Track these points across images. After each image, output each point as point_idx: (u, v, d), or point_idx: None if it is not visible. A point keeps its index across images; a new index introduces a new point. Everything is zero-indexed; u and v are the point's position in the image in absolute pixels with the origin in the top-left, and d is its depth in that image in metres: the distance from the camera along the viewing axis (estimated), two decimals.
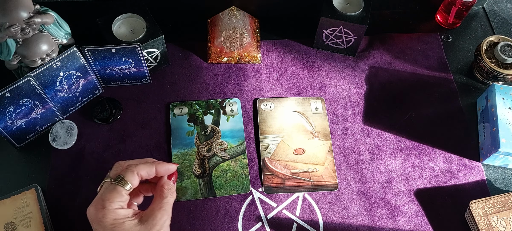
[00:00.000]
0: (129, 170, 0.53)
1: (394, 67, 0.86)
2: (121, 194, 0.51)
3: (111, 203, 0.50)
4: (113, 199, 0.50)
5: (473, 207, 0.68)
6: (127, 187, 0.52)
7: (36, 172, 0.71)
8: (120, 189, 0.51)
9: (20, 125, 0.70)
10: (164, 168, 0.56)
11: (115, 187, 0.51)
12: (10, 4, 0.63)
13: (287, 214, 0.70)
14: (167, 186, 0.56)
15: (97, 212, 0.50)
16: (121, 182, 0.52)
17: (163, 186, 0.56)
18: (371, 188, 0.72)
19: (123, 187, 0.52)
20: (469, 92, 0.84)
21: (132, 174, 0.52)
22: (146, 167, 0.54)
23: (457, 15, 0.88)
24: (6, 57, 0.68)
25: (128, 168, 0.53)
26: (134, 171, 0.53)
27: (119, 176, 0.52)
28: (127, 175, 0.52)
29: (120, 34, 0.76)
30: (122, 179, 0.52)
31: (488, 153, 0.73)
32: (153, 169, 0.55)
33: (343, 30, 0.82)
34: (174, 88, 0.81)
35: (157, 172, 0.56)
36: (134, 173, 0.53)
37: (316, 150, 0.75)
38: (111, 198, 0.50)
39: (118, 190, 0.51)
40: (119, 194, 0.51)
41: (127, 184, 0.52)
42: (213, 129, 0.77)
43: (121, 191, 0.51)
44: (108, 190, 0.51)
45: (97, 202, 0.51)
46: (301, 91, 0.82)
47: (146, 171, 0.54)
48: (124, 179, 0.52)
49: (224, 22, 0.83)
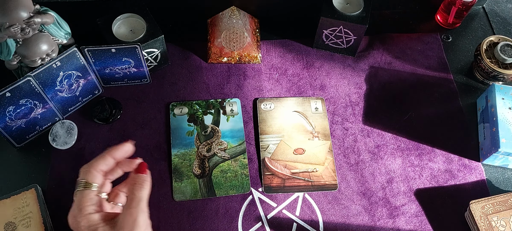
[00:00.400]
0: (85, 171, 0.52)
1: (394, 67, 0.86)
2: (90, 197, 0.51)
3: (83, 208, 0.50)
4: (83, 204, 0.50)
5: (473, 207, 0.68)
6: (93, 187, 0.51)
7: (36, 172, 0.71)
8: (86, 192, 0.51)
9: (20, 125, 0.70)
10: (121, 152, 0.55)
11: (82, 192, 0.51)
12: (10, 4, 0.63)
13: (287, 214, 0.70)
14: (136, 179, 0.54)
15: (72, 221, 0.50)
16: (86, 185, 0.51)
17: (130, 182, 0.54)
18: (371, 188, 0.72)
19: (89, 189, 0.51)
20: (469, 92, 0.84)
21: (89, 173, 0.52)
22: (102, 160, 0.53)
23: (457, 15, 0.88)
24: (6, 57, 0.68)
25: (84, 169, 0.53)
26: (90, 169, 0.52)
27: (81, 181, 0.52)
28: (86, 176, 0.52)
29: (120, 34, 0.76)
30: (85, 182, 0.52)
31: (488, 153, 0.73)
32: (110, 159, 0.54)
33: (343, 30, 0.82)
34: (174, 88, 0.81)
35: (116, 159, 0.54)
36: (91, 171, 0.52)
37: (316, 150, 0.75)
38: (80, 204, 0.50)
39: (86, 194, 0.51)
40: (87, 198, 0.51)
41: (91, 185, 0.51)
42: (213, 129, 0.77)
43: (88, 194, 0.51)
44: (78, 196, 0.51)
45: (72, 210, 0.51)
46: (301, 91, 0.82)
47: (104, 163, 0.53)
48: (87, 182, 0.52)
49: (224, 22, 0.83)
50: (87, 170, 0.52)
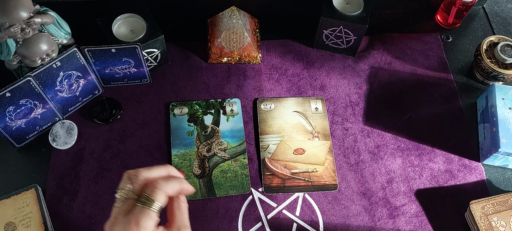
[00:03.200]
0: (157, 189, 0.47)
1: (394, 67, 0.86)
2: (153, 218, 0.46)
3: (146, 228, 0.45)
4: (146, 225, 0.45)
5: (473, 207, 0.68)
6: (157, 208, 0.46)
7: (36, 172, 0.71)
8: (151, 213, 0.46)
9: (20, 125, 0.70)
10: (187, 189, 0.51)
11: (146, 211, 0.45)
12: (10, 4, 0.63)
13: (287, 214, 0.70)
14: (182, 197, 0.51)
15: None
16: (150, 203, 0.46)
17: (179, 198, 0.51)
18: (371, 188, 0.72)
19: (153, 210, 0.46)
20: (469, 92, 0.84)
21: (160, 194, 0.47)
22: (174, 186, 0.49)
23: (457, 15, 0.88)
24: (6, 57, 0.68)
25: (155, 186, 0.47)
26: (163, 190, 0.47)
27: (146, 197, 0.46)
28: (156, 195, 0.46)
29: (120, 34, 0.76)
30: (150, 199, 0.46)
31: (488, 153, 0.73)
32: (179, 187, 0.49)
33: (343, 30, 0.82)
34: (174, 88, 0.81)
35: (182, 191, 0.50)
36: (162, 193, 0.47)
37: (316, 150, 0.75)
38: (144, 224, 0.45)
39: (150, 215, 0.45)
40: (151, 219, 0.45)
41: (157, 205, 0.46)
42: (213, 129, 0.77)
43: (152, 215, 0.46)
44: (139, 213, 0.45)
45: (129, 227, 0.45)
46: (301, 91, 0.82)
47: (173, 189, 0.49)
48: (153, 200, 0.46)
49: (224, 22, 0.83)
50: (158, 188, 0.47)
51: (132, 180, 0.48)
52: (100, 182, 0.71)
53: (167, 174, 0.51)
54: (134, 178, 0.48)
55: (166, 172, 0.51)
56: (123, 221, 0.45)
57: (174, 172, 0.52)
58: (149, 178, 0.48)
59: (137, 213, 0.45)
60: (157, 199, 0.46)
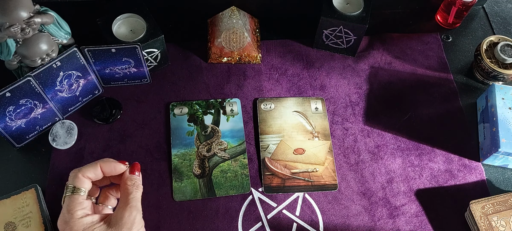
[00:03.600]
0: (74, 175, 0.54)
1: (394, 67, 0.86)
2: (79, 201, 0.52)
3: (74, 213, 0.51)
4: (74, 209, 0.52)
5: (473, 207, 0.68)
6: (81, 192, 0.53)
7: (36, 172, 0.71)
8: (75, 197, 0.52)
9: (20, 125, 0.70)
10: (110, 167, 0.56)
11: (71, 197, 0.53)
12: (10, 4, 0.63)
13: (287, 214, 0.70)
14: (130, 181, 0.56)
15: (65, 225, 0.51)
16: (74, 190, 0.53)
17: (126, 181, 0.56)
18: (371, 188, 0.72)
19: (78, 194, 0.53)
20: (469, 92, 0.84)
21: (77, 178, 0.53)
22: (91, 167, 0.55)
23: (457, 15, 0.88)
24: (6, 57, 0.68)
25: (72, 174, 0.54)
26: (79, 174, 0.53)
27: (69, 186, 0.53)
28: (74, 181, 0.53)
29: (120, 34, 0.76)
30: (73, 187, 0.53)
31: (488, 153, 0.73)
32: (98, 169, 0.55)
33: (343, 30, 0.82)
34: (174, 88, 0.81)
35: (103, 172, 0.56)
36: (79, 177, 0.53)
37: (316, 150, 0.75)
38: (71, 209, 0.52)
39: (75, 199, 0.52)
40: (77, 202, 0.52)
41: (80, 189, 0.53)
42: (213, 129, 0.77)
43: (77, 198, 0.52)
44: (67, 201, 0.53)
45: (63, 215, 0.52)
46: (301, 91, 0.82)
47: (92, 171, 0.55)
48: (75, 186, 0.53)
49: (224, 22, 0.83)
50: (75, 175, 0.54)
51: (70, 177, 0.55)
52: None
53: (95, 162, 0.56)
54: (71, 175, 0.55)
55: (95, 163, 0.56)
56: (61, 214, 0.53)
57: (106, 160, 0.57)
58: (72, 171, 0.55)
59: (67, 202, 0.53)
60: (77, 183, 0.53)
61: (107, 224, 0.52)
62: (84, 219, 0.52)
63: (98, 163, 0.56)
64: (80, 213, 0.52)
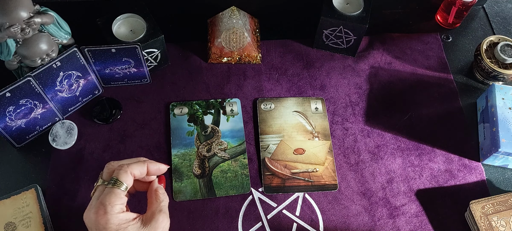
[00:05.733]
0: (122, 170, 0.52)
1: (394, 67, 0.86)
2: (120, 196, 0.50)
3: (113, 207, 0.49)
4: (114, 203, 0.49)
5: (473, 207, 0.68)
6: (123, 187, 0.51)
7: (36, 172, 0.71)
8: (117, 191, 0.50)
9: (20, 125, 0.70)
10: (155, 167, 0.56)
11: (113, 190, 0.50)
12: (10, 4, 0.63)
13: (287, 214, 0.70)
14: (161, 189, 0.56)
15: (98, 217, 0.48)
16: (117, 183, 0.51)
17: (157, 189, 0.55)
18: (371, 188, 0.72)
19: (119, 189, 0.50)
20: (469, 92, 0.84)
21: (126, 174, 0.52)
22: (139, 166, 0.54)
23: (457, 15, 0.88)
24: (6, 57, 0.68)
25: (121, 168, 0.52)
26: (128, 170, 0.52)
27: (113, 178, 0.51)
28: (121, 175, 0.51)
29: (120, 34, 0.76)
30: (117, 180, 0.51)
31: (488, 153, 0.73)
32: (145, 168, 0.54)
33: (343, 30, 0.82)
34: (174, 88, 0.81)
35: (149, 171, 0.55)
36: (127, 173, 0.52)
37: (316, 150, 0.75)
38: (111, 202, 0.49)
39: (116, 193, 0.50)
40: (118, 197, 0.50)
41: (123, 184, 0.51)
42: (213, 129, 0.77)
43: (119, 193, 0.50)
44: (106, 193, 0.50)
45: (98, 207, 0.49)
46: (301, 91, 0.82)
47: (139, 170, 0.54)
48: (119, 180, 0.51)
49: (224, 22, 0.83)
50: (122, 168, 0.52)
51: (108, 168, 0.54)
52: None
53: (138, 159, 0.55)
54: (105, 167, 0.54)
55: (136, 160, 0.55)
56: (95, 204, 0.50)
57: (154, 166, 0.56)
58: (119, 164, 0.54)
59: (105, 194, 0.50)
60: (122, 178, 0.51)
61: (142, 223, 0.51)
62: (120, 215, 0.50)
63: (145, 162, 0.54)
64: (118, 208, 0.50)
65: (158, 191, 0.55)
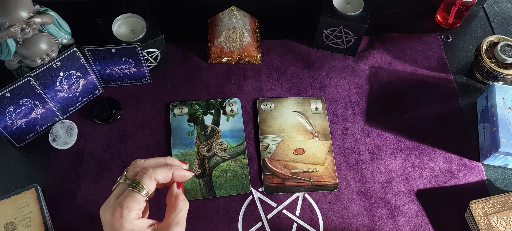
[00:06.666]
0: (146, 174, 0.50)
1: (394, 67, 0.86)
2: (139, 201, 0.48)
3: (129, 212, 0.47)
4: (131, 208, 0.48)
5: (473, 207, 0.68)
6: (144, 193, 0.49)
7: (36, 172, 0.71)
8: (137, 196, 0.48)
9: (20, 125, 0.70)
10: (181, 174, 0.53)
11: (132, 194, 0.48)
12: (10, 4, 0.63)
13: (287, 214, 0.70)
14: (181, 196, 0.53)
15: (113, 219, 0.47)
16: (138, 187, 0.49)
17: (178, 197, 0.52)
18: (371, 188, 0.72)
19: (140, 194, 0.48)
20: (469, 92, 0.84)
21: (149, 179, 0.49)
22: (164, 172, 0.51)
23: (457, 15, 0.88)
24: (6, 57, 0.68)
25: (144, 172, 0.50)
26: (152, 176, 0.50)
27: (135, 181, 0.49)
28: (144, 180, 0.49)
29: (120, 34, 0.76)
30: (138, 184, 0.49)
31: (488, 153, 0.73)
32: (170, 174, 0.52)
33: (343, 30, 0.82)
34: (174, 88, 0.81)
35: (173, 177, 0.53)
36: (151, 178, 0.50)
37: (316, 150, 0.75)
38: (129, 206, 0.47)
39: (136, 198, 0.48)
40: (136, 202, 0.48)
41: (144, 189, 0.49)
42: (213, 129, 0.77)
43: (138, 198, 0.48)
44: (125, 196, 0.48)
45: (115, 209, 0.47)
46: (301, 91, 0.82)
47: (163, 176, 0.51)
48: (141, 185, 0.49)
49: (224, 22, 0.83)
50: (146, 173, 0.50)
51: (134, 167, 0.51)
52: (100, 182, 0.71)
53: (164, 162, 0.53)
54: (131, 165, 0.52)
55: (164, 161, 0.53)
56: (113, 203, 0.48)
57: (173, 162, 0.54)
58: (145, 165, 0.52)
59: (125, 196, 0.48)
60: (145, 183, 0.49)
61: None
62: (135, 221, 0.48)
63: (171, 168, 0.52)
64: (135, 213, 0.48)
65: (178, 197, 0.52)
